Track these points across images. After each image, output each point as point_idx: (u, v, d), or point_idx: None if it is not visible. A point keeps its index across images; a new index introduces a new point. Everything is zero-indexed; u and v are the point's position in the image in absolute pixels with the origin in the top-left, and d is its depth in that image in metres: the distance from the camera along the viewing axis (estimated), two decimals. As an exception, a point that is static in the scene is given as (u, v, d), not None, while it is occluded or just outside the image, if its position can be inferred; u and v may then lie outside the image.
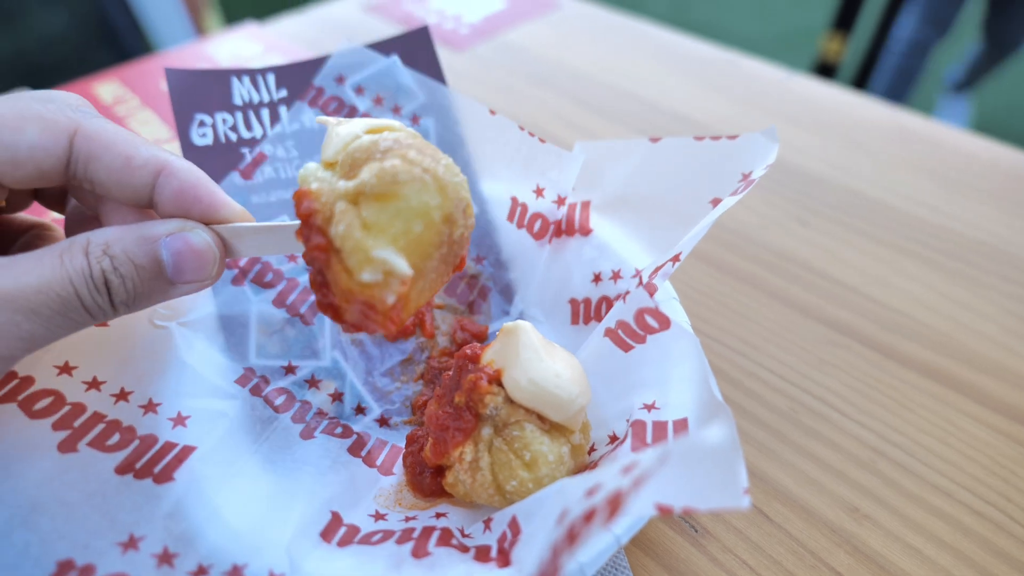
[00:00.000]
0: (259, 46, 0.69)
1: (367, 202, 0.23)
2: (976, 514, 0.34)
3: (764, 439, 0.37)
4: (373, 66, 0.41)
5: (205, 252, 0.25)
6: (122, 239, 0.24)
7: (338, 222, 0.23)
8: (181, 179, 0.25)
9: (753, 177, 0.32)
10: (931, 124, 0.61)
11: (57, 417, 0.27)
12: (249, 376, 0.33)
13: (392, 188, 0.23)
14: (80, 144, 0.24)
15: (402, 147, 0.24)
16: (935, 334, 0.42)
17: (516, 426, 0.28)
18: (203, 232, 0.25)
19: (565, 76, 0.69)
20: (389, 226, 0.23)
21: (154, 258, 0.24)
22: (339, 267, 0.23)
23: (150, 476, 0.27)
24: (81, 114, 0.24)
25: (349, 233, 0.23)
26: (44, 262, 0.23)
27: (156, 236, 0.24)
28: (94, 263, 0.23)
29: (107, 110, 0.59)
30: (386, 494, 0.31)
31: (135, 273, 0.24)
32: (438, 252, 0.25)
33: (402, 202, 0.23)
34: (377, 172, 0.23)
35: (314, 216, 0.24)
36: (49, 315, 0.23)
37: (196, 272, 0.25)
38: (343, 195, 0.23)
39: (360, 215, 0.23)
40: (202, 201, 0.25)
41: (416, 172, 0.23)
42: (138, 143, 0.25)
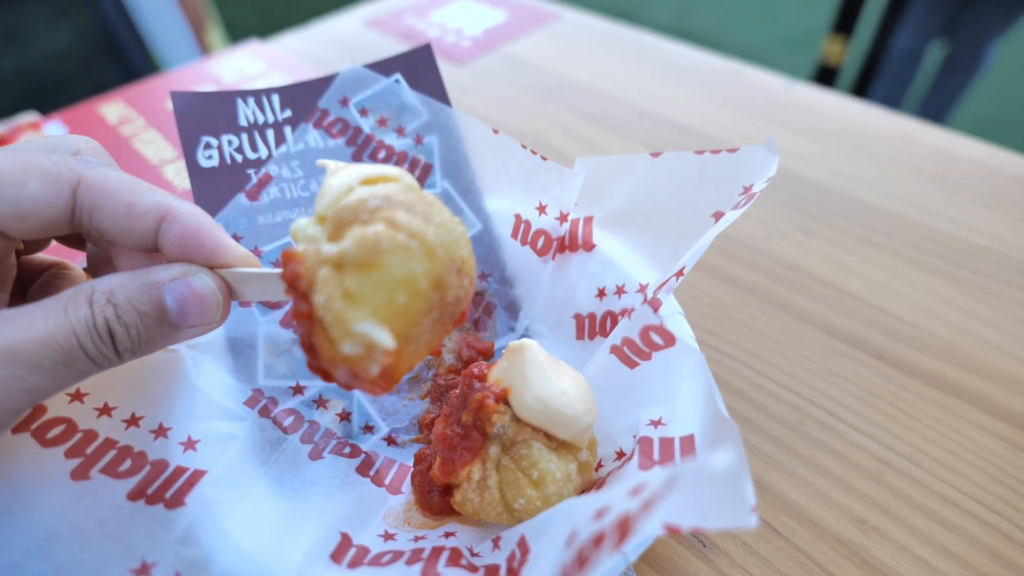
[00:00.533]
0: (263, 64, 0.69)
1: (350, 270, 0.22)
2: (983, 524, 0.34)
3: (771, 451, 0.37)
4: (376, 86, 0.41)
5: (208, 296, 0.25)
6: (126, 286, 0.24)
7: (319, 291, 0.22)
8: (184, 224, 0.25)
9: (754, 190, 0.32)
10: (933, 130, 0.61)
11: (70, 445, 0.27)
12: (258, 397, 0.33)
13: (374, 258, 0.22)
14: (83, 195, 0.24)
15: (392, 206, 0.23)
16: (940, 342, 0.42)
17: (523, 444, 0.29)
18: (206, 276, 0.25)
19: (567, 88, 0.69)
20: (371, 297, 0.22)
21: (158, 304, 0.24)
22: (322, 336, 0.23)
23: (162, 501, 0.27)
24: (84, 164, 0.25)
25: (329, 304, 0.22)
26: (49, 313, 0.23)
27: (160, 282, 0.25)
28: (97, 312, 0.23)
29: (112, 130, 0.59)
30: (395, 513, 0.31)
31: (139, 320, 0.24)
32: (428, 318, 0.24)
33: (384, 272, 0.22)
34: (359, 240, 0.22)
35: (298, 281, 0.23)
36: (52, 367, 0.23)
37: (200, 316, 0.25)
38: (327, 261, 0.22)
39: (343, 284, 0.22)
40: (205, 246, 0.25)
41: (400, 239, 0.22)
42: (141, 190, 0.25)
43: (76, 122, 0.61)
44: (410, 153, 0.41)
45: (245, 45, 0.73)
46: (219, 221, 0.37)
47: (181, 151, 0.57)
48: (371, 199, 0.24)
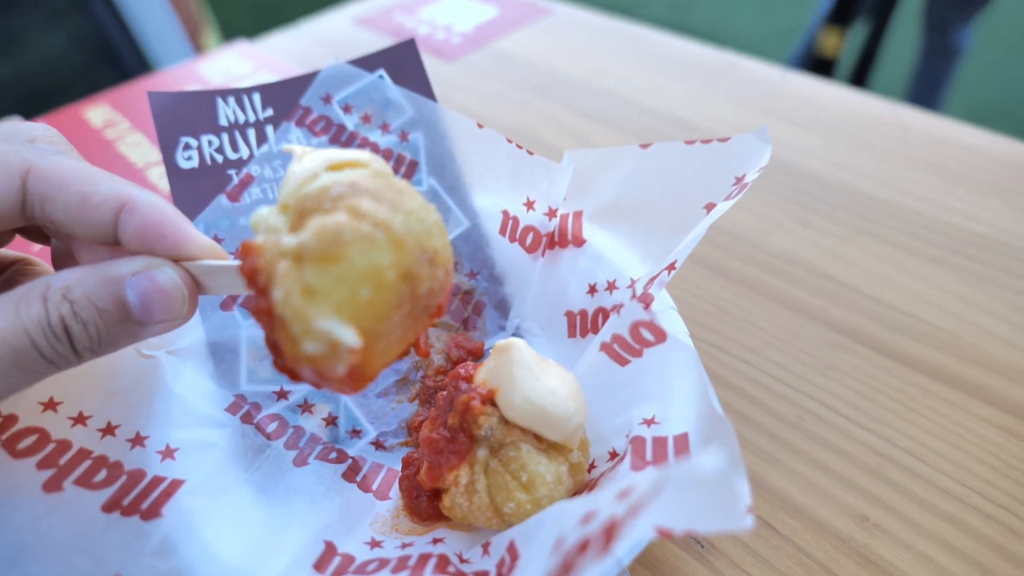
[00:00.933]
0: (250, 64, 0.69)
1: (310, 264, 0.21)
2: (988, 518, 0.33)
3: (770, 448, 0.36)
4: (360, 82, 0.41)
5: (172, 291, 0.24)
6: (83, 281, 0.23)
7: (278, 286, 0.21)
8: (144, 215, 0.24)
9: (746, 180, 0.31)
10: (931, 118, 0.60)
11: (42, 456, 0.26)
12: (240, 403, 0.33)
13: (334, 250, 0.21)
14: (33, 184, 0.23)
15: (356, 194, 0.22)
16: (941, 333, 0.41)
17: (512, 447, 0.28)
18: (170, 269, 0.24)
19: (559, 82, 0.68)
20: (333, 292, 0.21)
21: (119, 300, 0.23)
22: (283, 334, 0.21)
23: (138, 513, 0.26)
24: (36, 152, 0.23)
25: (288, 300, 0.21)
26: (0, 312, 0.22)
27: (121, 276, 0.23)
28: (52, 309, 0.22)
29: (97, 134, 0.59)
30: (382, 520, 0.30)
31: (98, 317, 0.23)
32: (398, 312, 0.22)
33: (346, 265, 0.21)
34: (319, 232, 0.21)
35: (257, 275, 0.21)
36: (3, 368, 0.22)
37: (165, 312, 0.24)
38: (286, 253, 0.21)
39: (303, 278, 0.21)
40: (167, 237, 0.24)
41: (364, 229, 0.21)
42: (98, 179, 0.24)
43: (60, 126, 0.60)
44: (395, 150, 0.40)
45: (233, 45, 0.72)
46: (199, 223, 0.36)
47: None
48: (335, 186, 0.22)
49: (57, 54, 1.76)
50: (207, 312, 0.34)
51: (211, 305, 0.35)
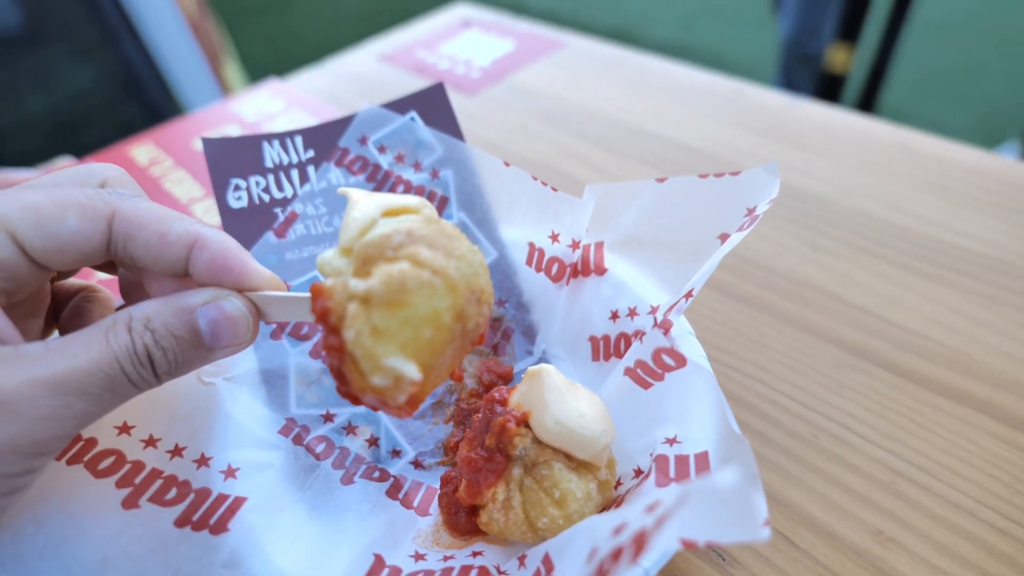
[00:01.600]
0: (282, 102, 0.72)
1: (377, 307, 0.23)
2: (1000, 532, 0.34)
3: (787, 465, 0.38)
4: (393, 124, 0.44)
5: (239, 319, 0.27)
6: (161, 312, 0.26)
7: (349, 327, 0.23)
8: (213, 251, 0.26)
9: (758, 212, 0.34)
10: (935, 140, 0.62)
11: (120, 475, 0.29)
12: (291, 426, 0.35)
13: (400, 296, 0.23)
14: (118, 227, 0.25)
15: (414, 242, 0.25)
16: (950, 352, 0.43)
17: (545, 465, 0.30)
18: (236, 299, 0.27)
19: (575, 114, 0.71)
20: (399, 333, 0.23)
21: (192, 328, 0.26)
22: (352, 367, 0.24)
23: (206, 528, 0.29)
24: (118, 197, 0.26)
25: (359, 340, 0.23)
26: (91, 342, 0.24)
27: (193, 307, 0.26)
28: (137, 339, 0.25)
29: (143, 171, 0.62)
30: (424, 535, 0.33)
31: (175, 344, 0.26)
32: (451, 347, 0.25)
33: (411, 310, 0.23)
34: (385, 280, 0.23)
35: (329, 315, 0.24)
36: (99, 393, 0.24)
37: (232, 338, 0.27)
38: (355, 296, 0.24)
39: (371, 319, 0.23)
40: (233, 271, 0.27)
41: (425, 277, 0.24)
42: (171, 219, 0.26)
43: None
44: (427, 187, 0.43)
45: (264, 84, 0.76)
46: (249, 259, 0.39)
47: (208, 190, 0.59)
48: (395, 235, 0.25)
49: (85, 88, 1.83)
50: (258, 341, 0.37)
51: (262, 335, 0.37)
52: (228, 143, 0.42)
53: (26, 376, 0.22)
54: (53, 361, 0.23)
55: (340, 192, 0.29)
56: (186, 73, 1.92)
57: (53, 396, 0.23)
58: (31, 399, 0.22)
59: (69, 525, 0.27)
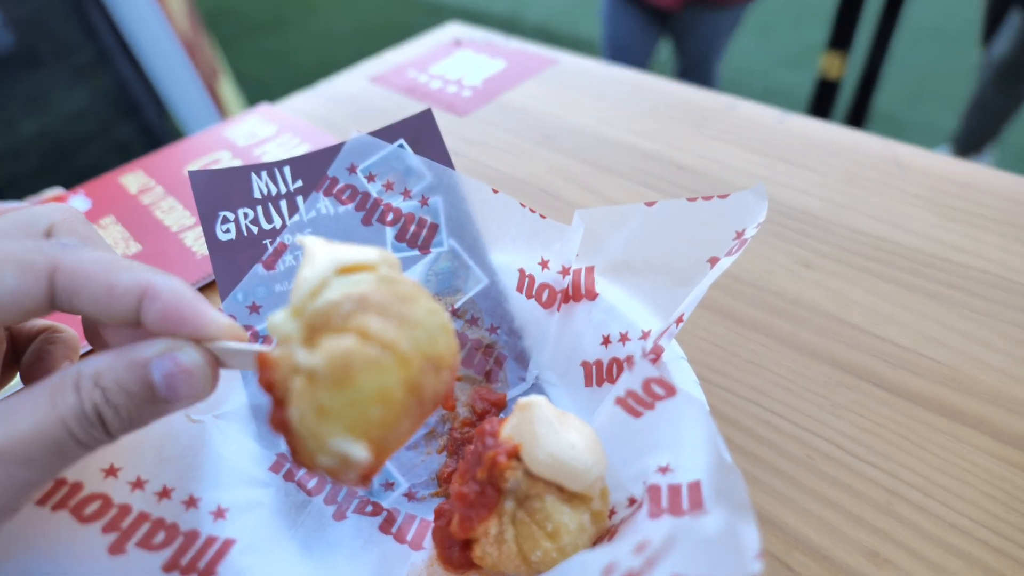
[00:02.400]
0: (274, 126, 0.72)
1: (322, 386, 0.22)
2: (996, 551, 0.34)
3: (781, 487, 0.38)
4: (381, 152, 0.44)
5: (195, 371, 0.25)
6: (112, 367, 0.24)
7: (294, 405, 0.22)
8: (164, 301, 0.25)
9: (746, 236, 0.34)
10: (926, 154, 0.63)
11: (106, 520, 0.29)
12: (281, 462, 0.35)
13: (344, 374, 0.22)
14: (61, 281, 0.24)
15: (365, 310, 0.23)
16: (943, 368, 0.43)
17: (537, 498, 0.30)
18: (192, 350, 0.25)
19: (566, 133, 0.71)
20: (344, 413, 0.22)
21: (146, 383, 0.24)
22: (299, 445, 0.23)
23: (195, 572, 0.28)
24: (59, 249, 0.25)
25: (303, 420, 0.22)
26: (36, 406, 0.23)
27: (146, 360, 0.24)
28: (86, 399, 0.23)
29: (134, 199, 0.62)
30: (418, 570, 0.33)
31: (128, 401, 0.24)
32: (406, 420, 0.24)
33: (356, 389, 0.22)
34: (329, 357, 0.22)
35: (275, 388, 0.23)
36: (45, 459, 0.23)
37: (189, 390, 0.25)
38: (299, 371, 0.22)
39: (316, 398, 0.22)
40: (187, 321, 0.25)
41: (372, 354, 0.22)
42: (120, 268, 0.25)
43: (99, 193, 0.64)
44: (416, 214, 0.43)
45: (256, 109, 0.76)
46: (238, 292, 0.39)
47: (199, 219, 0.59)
48: (344, 302, 0.23)
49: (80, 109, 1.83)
50: (248, 377, 0.37)
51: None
52: (215, 175, 0.42)
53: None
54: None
55: (298, 241, 0.27)
56: (181, 93, 1.93)
57: None
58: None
59: (55, 573, 0.27)
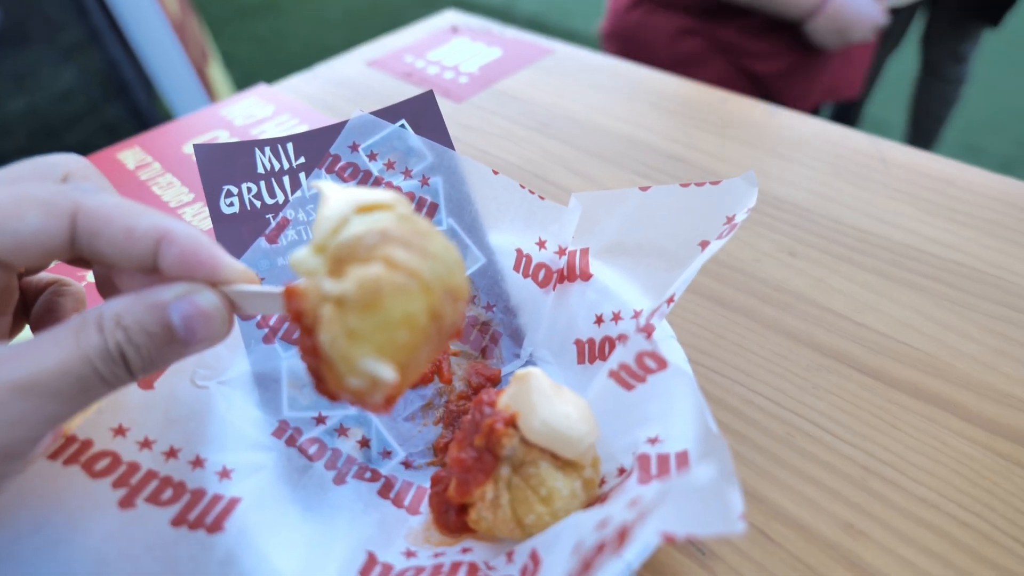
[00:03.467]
0: (271, 106, 0.73)
1: (352, 310, 0.23)
2: (963, 525, 0.36)
3: (763, 463, 0.39)
4: (383, 132, 0.45)
5: (213, 313, 0.26)
6: (132, 308, 0.25)
7: (324, 330, 0.23)
8: (182, 245, 0.25)
9: (736, 221, 0.35)
10: (910, 150, 0.65)
11: (116, 476, 0.30)
12: (284, 428, 0.36)
13: (375, 299, 0.23)
14: (82, 223, 0.25)
15: (388, 242, 0.24)
16: (920, 354, 0.45)
17: (532, 464, 0.31)
18: (209, 293, 0.26)
19: (562, 120, 0.73)
20: (374, 336, 0.23)
21: (165, 324, 0.25)
22: (327, 368, 0.24)
23: (202, 527, 0.30)
24: (80, 192, 0.25)
25: (334, 343, 0.23)
26: (61, 343, 0.23)
27: (165, 302, 0.25)
28: (109, 338, 0.24)
29: (131, 175, 0.63)
30: (415, 533, 0.34)
31: (148, 341, 0.25)
32: (427, 346, 0.25)
33: (386, 313, 0.23)
34: (359, 283, 0.23)
35: (303, 317, 0.24)
36: (71, 394, 0.23)
37: (206, 332, 0.26)
38: (328, 299, 0.23)
39: (346, 322, 0.23)
40: (204, 264, 0.26)
41: (399, 280, 0.23)
42: (138, 213, 0.25)
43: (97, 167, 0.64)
44: (417, 193, 0.44)
45: (253, 89, 0.77)
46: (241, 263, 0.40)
47: (197, 194, 0.60)
48: (368, 235, 0.24)
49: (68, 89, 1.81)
50: (252, 345, 0.38)
51: (255, 339, 0.38)
52: (220, 149, 0.43)
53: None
54: (22, 363, 0.23)
55: (313, 186, 0.28)
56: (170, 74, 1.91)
57: (23, 399, 0.22)
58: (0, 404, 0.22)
59: (66, 525, 0.28)
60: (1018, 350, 0.45)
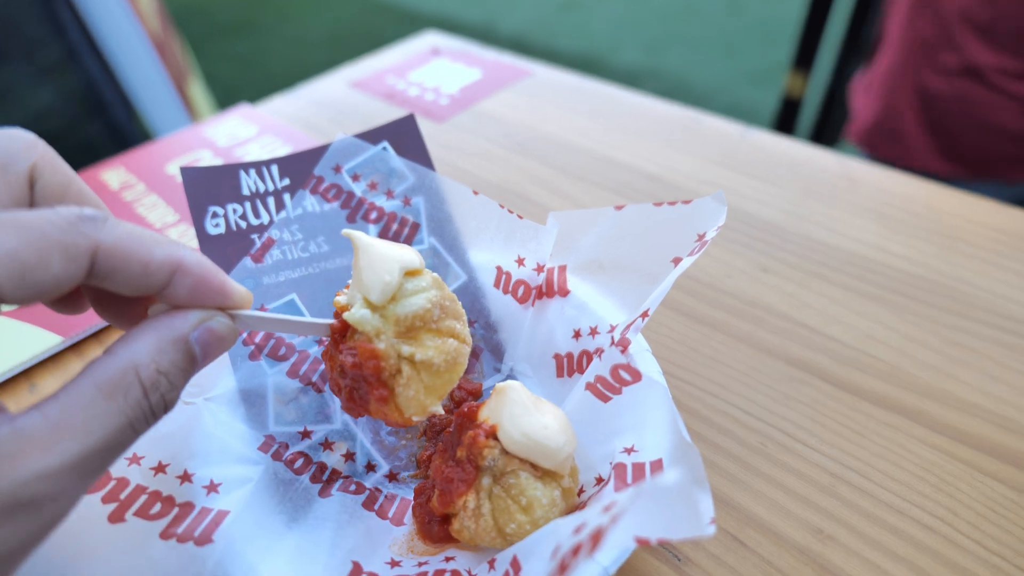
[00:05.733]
0: (254, 127, 0.74)
1: (426, 370, 0.31)
2: (927, 529, 0.38)
3: (736, 471, 0.41)
4: (366, 153, 0.46)
5: (228, 336, 0.28)
6: (164, 351, 0.25)
7: (407, 386, 0.31)
8: (195, 275, 0.26)
9: (707, 238, 0.37)
10: (875, 169, 0.67)
11: (105, 492, 0.30)
12: (270, 443, 0.37)
13: (451, 368, 0.32)
14: (101, 262, 0.24)
15: (447, 315, 0.32)
16: (884, 365, 0.47)
17: (512, 475, 0.32)
18: (222, 318, 0.27)
19: (540, 141, 0.74)
20: (441, 388, 0.32)
21: (191, 356, 0.26)
22: (393, 407, 0.31)
23: (191, 539, 0.30)
24: (94, 226, 0.24)
25: (417, 394, 0.31)
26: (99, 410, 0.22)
27: (186, 335, 0.26)
28: (153, 394, 0.24)
29: (115, 195, 0.63)
30: (399, 543, 0.35)
31: (183, 378, 0.25)
32: None
33: (454, 374, 0.32)
34: (445, 356, 0.31)
35: (381, 372, 0.30)
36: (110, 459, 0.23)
37: (218, 352, 0.27)
38: (407, 359, 0.31)
39: (421, 379, 0.31)
40: (215, 292, 0.27)
41: (465, 351, 0.32)
42: (151, 244, 0.25)
43: (79, 189, 0.64)
44: (399, 213, 0.45)
45: (236, 110, 0.78)
46: (228, 283, 0.41)
47: (182, 215, 0.61)
48: (434, 309, 0.32)
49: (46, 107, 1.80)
50: (238, 362, 0.39)
51: (241, 356, 0.39)
52: (206, 172, 0.44)
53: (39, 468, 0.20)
54: (63, 443, 0.21)
55: (344, 234, 0.32)
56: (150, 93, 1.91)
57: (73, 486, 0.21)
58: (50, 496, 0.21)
59: (56, 540, 0.28)
60: (978, 360, 0.47)
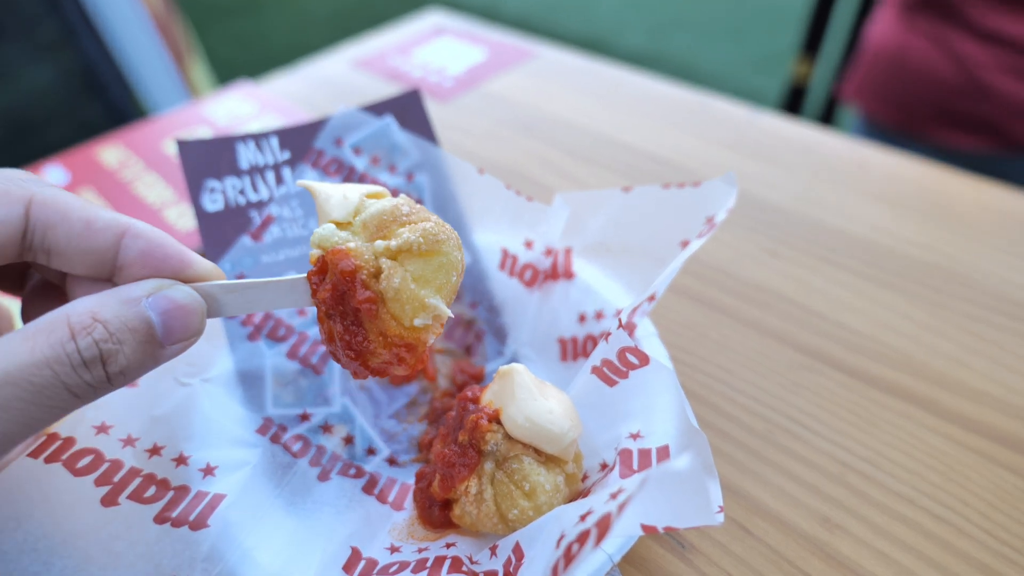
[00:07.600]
0: (255, 105, 0.72)
1: (409, 259, 0.27)
2: (936, 518, 0.37)
3: (743, 459, 0.40)
4: (369, 127, 0.45)
5: (192, 307, 0.24)
6: (107, 304, 0.22)
7: (391, 276, 0.26)
8: (147, 238, 0.24)
9: (716, 221, 0.36)
10: (886, 155, 0.66)
11: (98, 474, 0.30)
12: (268, 425, 0.36)
13: (436, 246, 0.27)
14: (37, 212, 0.23)
15: (422, 210, 0.28)
16: (896, 353, 0.46)
17: (515, 459, 0.32)
18: (184, 287, 0.24)
19: (545, 122, 0.73)
20: (434, 278, 0.27)
21: (145, 320, 0.23)
22: (387, 316, 0.27)
23: (186, 524, 0.29)
24: (36, 183, 0.23)
25: (404, 285, 0.26)
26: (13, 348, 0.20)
27: (136, 298, 0.23)
28: (81, 335, 0.21)
29: (113, 174, 0.62)
30: (399, 528, 0.34)
31: (131, 338, 0.22)
32: (455, 296, 0.29)
33: (443, 257, 0.27)
34: (422, 232, 0.27)
35: (359, 271, 0.26)
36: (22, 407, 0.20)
37: (184, 330, 0.24)
38: (384, 253, 0.27)
39: (407, 269, 0.27)
40: (172, 258, 0.24)
41: (449, 231, 0.28)
42: (97, 208, 0.24)
43: (76, 165, 0.63)
44: (402, 190, 0.44)
45: (236, 87, 0.76)
46: (226, 262, 0.40)
47: (180, 194, 0.59)
48: (401, 206, 0.28)
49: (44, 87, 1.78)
50: (236, 343, 0.38)
51: (239, 337, 0.38)
52: (202, 144, 0.43)
53: None
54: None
55: (299, 184, 0.30)
56: (150, 72, 1.89)
57: None
58: None
59: (49, 522, 0.28)
60: (991, 348, 0.46)
